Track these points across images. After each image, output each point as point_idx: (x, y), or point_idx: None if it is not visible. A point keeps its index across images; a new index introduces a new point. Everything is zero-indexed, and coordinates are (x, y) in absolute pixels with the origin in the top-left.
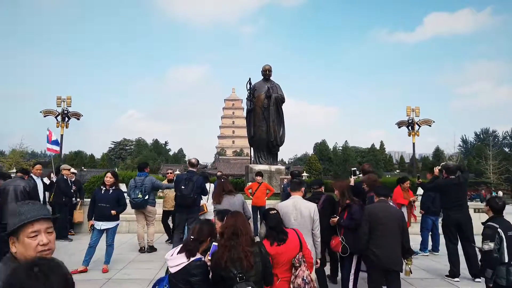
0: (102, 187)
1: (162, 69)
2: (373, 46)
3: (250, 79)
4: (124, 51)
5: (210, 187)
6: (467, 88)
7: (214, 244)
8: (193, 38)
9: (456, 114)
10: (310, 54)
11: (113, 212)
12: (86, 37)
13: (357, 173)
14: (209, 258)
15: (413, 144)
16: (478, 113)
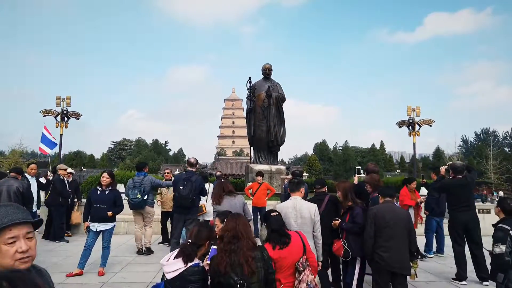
0: (98, 188)
1: (162, 69)
2: (373, 46)
3: (250, 78)
4: (124, 51)
5: (209, 187)
6: (467, 88)
7: (213, 247)
8: (193, 38)
9: (456, 114)
10: (310, 54)
11: (109, 213)
12: (86, 37)
13: (361, 171)
14: (207, 263)
15: (413, 144)
16: (478, 113)
